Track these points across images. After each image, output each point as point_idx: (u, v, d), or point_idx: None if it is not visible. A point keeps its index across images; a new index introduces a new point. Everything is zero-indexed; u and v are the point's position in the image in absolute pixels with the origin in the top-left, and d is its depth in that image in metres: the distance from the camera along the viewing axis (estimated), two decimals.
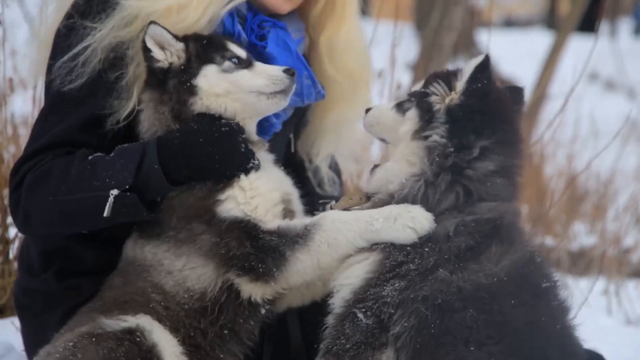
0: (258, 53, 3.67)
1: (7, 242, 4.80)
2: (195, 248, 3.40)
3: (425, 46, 9.74)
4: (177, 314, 3.41)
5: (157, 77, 3.51)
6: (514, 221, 3.36)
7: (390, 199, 3.35)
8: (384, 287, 3.22)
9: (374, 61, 4.13)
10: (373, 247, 3.29)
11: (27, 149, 3.55)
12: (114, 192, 3.36)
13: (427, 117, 3.35)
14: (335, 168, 4.12)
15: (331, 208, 3.47)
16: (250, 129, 3.57)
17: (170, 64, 3.49)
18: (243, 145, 3.44)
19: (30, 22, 5.49)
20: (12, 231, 4.82)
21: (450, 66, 3.60)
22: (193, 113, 3.47)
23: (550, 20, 25.41)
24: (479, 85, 3.31)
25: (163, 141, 3.42)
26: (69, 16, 3.58)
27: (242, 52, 3.56)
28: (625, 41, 22.39)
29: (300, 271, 3.32)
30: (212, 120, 3.45)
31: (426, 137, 3.33)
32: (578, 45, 10.84)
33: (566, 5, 20.78)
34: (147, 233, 3.48)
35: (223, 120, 3.46)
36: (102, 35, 3.52)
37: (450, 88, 3.36)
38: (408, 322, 3.16)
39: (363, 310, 3.21)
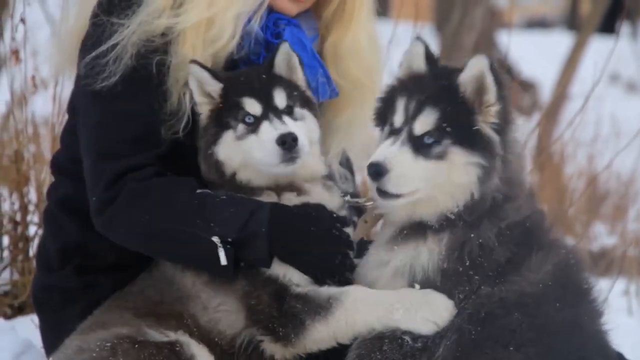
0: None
1: (27, 240, 4.81)
2: (232, 290, 3.39)
3: (445, 46, 9.75)
4: (214, 344, 3.39)
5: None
6: (542, 221, 3.34)
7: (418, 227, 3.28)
8: None
9: (395, 61, 4.09)
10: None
11: (106, 144, 3.46)
12: (216, 239, 3.33)
13: (488, 154, 3.17)
14: (347, 164, 4.10)
15: (346, 202, 3.47)
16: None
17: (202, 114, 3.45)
18: (348, 262, 3.40)
19: (52, 23, 5.52)
20: (32, 229, 4.85)
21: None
22: (239, 183, 3.43)
23: (571, 21, 25.30)
24: (502, 83, 3.19)
25: (277, 209, 3.38)
26: (94, 15, 3.58)
27: (256, 108, 3.43)
28: None
29: (317, 341, 3.33)
30: (331, 217, 3.41)
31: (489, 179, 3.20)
32: (599, 46, 10.79)
33: (587, 6, 20.69)
34: None
35: (338, 224, 3.40)
36: (130, 31, 3.50)
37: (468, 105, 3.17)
38: (450, 340, 3.17)
39: (412, 337, 3.21)
